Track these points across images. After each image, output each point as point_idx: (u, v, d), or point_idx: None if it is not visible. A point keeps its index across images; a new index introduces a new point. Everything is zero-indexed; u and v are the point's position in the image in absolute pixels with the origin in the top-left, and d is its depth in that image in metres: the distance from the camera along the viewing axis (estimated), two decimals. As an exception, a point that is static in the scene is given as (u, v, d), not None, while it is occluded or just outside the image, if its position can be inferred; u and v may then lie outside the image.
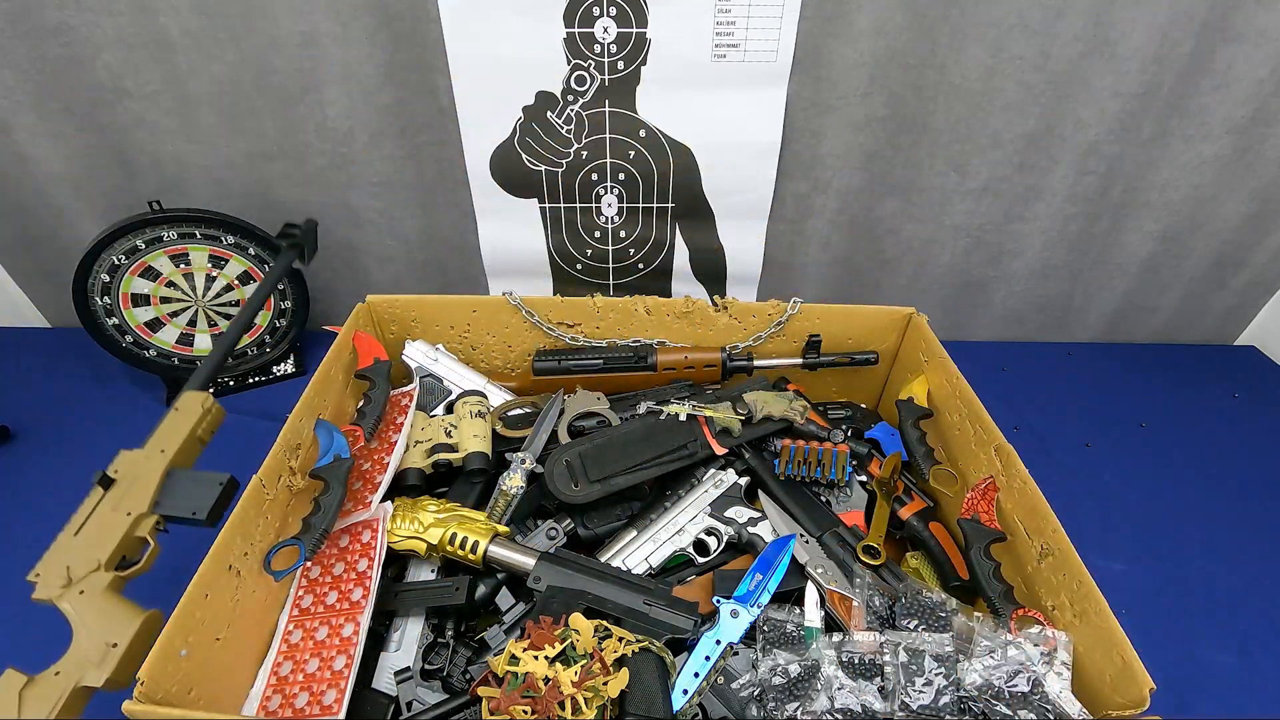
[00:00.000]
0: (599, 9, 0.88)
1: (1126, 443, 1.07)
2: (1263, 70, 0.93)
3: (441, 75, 0.92)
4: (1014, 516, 0.70)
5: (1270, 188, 1.06)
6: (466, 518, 0.70)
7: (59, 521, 0.86)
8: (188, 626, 0.53)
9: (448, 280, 1.19)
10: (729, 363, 0.89)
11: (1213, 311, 1.26)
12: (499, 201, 1.06)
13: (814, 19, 0.88)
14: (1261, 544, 0.92)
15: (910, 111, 0.98)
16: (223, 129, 0.96)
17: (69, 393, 1.05)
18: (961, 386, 0.79)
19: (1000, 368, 1.23)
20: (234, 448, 0.97)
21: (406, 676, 0.62)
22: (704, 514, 0.75)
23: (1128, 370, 1.23)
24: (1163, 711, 0.51)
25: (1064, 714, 0.55)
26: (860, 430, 0.89)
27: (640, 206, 1.08)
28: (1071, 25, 0.89)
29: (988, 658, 0.58)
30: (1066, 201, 1.08)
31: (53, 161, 0.96)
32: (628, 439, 0.78)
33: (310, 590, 0.67)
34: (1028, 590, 0.67)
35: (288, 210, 1.05)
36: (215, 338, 1.05)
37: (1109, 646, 0.54)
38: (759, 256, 1.14)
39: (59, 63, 0.88)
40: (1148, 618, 0.82)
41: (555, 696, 0.52)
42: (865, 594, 0.66)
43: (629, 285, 1.19)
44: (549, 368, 0.89)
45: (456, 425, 0.80)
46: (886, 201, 1.08)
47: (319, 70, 0.91)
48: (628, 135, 1.00)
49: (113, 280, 0.95)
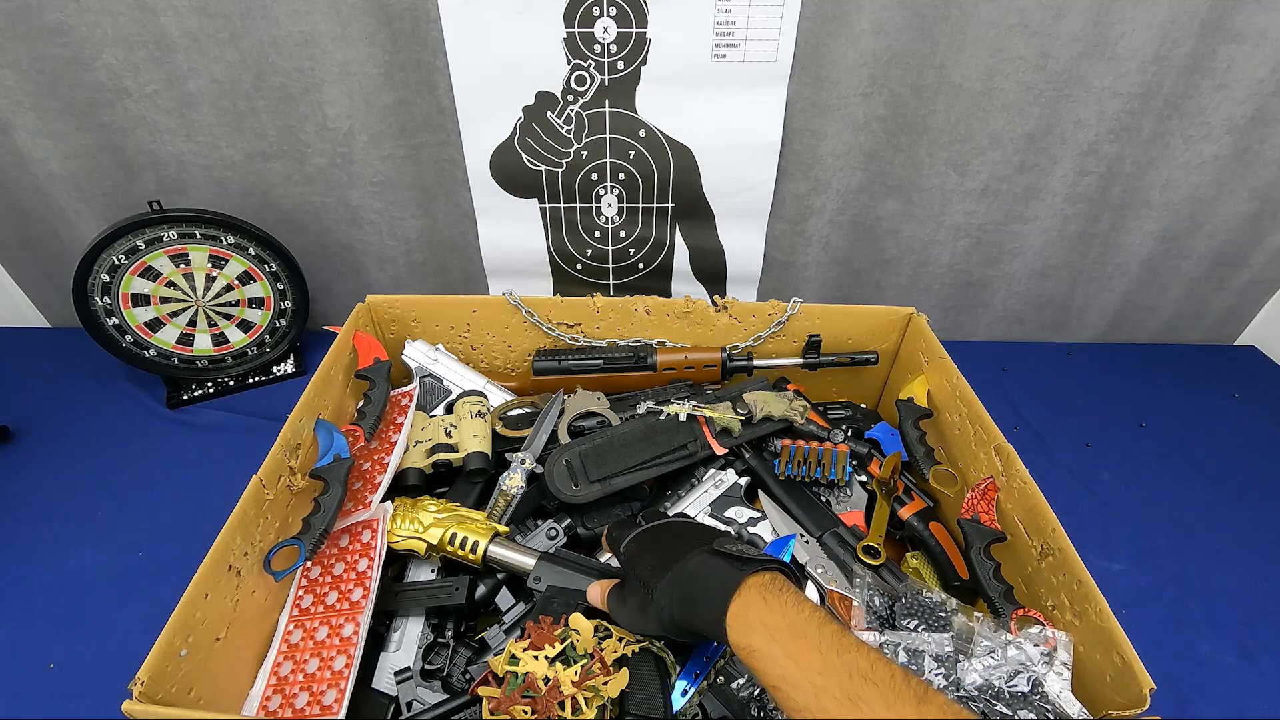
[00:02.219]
0: (599, 9, 0.88)
1: (1126, 443, 1.07)
2: (1263, 70, 0.93)
3: (441, 75, 0.92)
4: (1014, 516, 0.70)
5: (1270, 188, 1.06)
6: (466, 518, 0.70)
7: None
8: (188, 626, 0.53)
9: (448, 280, 1.19)
10: (729, 363, 0.89)
11: (1213, 311, 1.26)
12: (499, 201, 1.06)
13: (814, 19, 0.88)
14: (1261, 544, 0.92)
15: (910, 111, 0.98)
16: (223, 129, 0.96)
17: (69, 393, 1.05)
18: (961, 386, 0.79)
19: (1000, 368, 1.23)
20: (234, 448, 0.98)
21: (406, 676, 0.62)
22: (704, 514, 0.75)
23: (1128, 370, 1.23)
24: (1163, 711, 0.51)
25: (1064, 714, 0.55)
26: (860, 430, 0.89)
27: (640, 206, 1.08)
28: (1071, 25, 0.89)
29: (988, 658, 0.58)
30: (1066, 201, 1.08)
31: (53, 161, 0.96)
32: (628, 439, 0.78)
33: (310, 590, 0.67)
34: (1028, 590, 0.67)
35: (288, 210, 1.05)
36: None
37: (1109, 646, 0.54)
38: (759, 256, 1.14)
39: (59, 63, 0.88)
40: (1148, 618, 0.82)
41: (555, 696, 0.52)
42: (865, 594, 0.66)
43: (629, 285, 1.19)
44: (549, 368, 0.89)
45: (456, 425, 0.80)
46: (886, 201, 1.08)
47: (319, 70, 0.91)
48: (628, 135, 1.00)
49: (113, 280, 0.95)
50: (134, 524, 0.86)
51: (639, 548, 0.56)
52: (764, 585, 0.45)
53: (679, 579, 0.50)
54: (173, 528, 0.86)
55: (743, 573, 0.46)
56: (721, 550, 0.49)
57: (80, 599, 0.78)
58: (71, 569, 0.81)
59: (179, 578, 0.53)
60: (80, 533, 0.85)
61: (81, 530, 0.86)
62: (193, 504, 0.88)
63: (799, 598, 0.44)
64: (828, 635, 0.41)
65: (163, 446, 0.98)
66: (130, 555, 0.83)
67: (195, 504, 0.87)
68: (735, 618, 0.44)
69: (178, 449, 0.98)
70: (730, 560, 0.48)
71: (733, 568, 0.47)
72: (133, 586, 0.80)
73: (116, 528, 0.86)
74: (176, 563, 0.56)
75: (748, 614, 0.44)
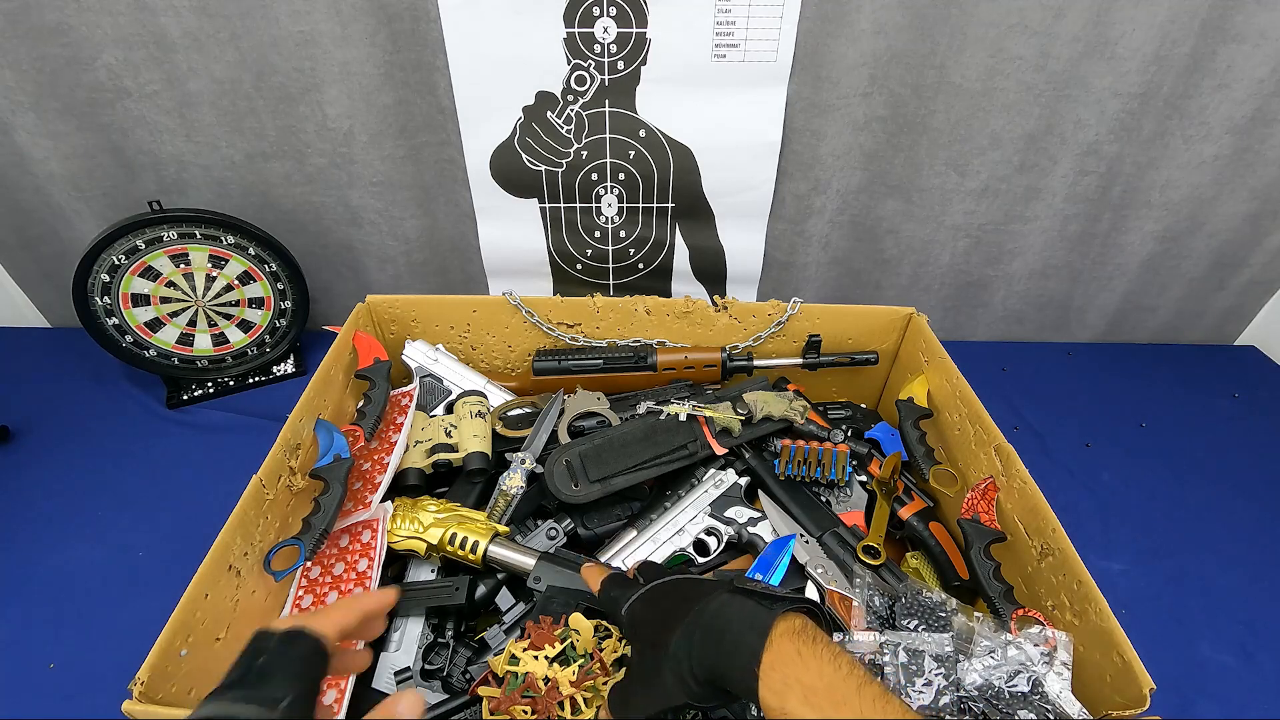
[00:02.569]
0: (599, 9, 0.88)
1: (1126, 443, 1.07)
2: (1263, 70, 0.93)
3: (441, 75, 0.92)
4: (1014, 516, 0.70)
5: (1270, 188, 1.06)
6: (466, 518, 0.70)
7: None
8: (188, 626, 0.53)
9: (448, 280, 1.19)
10: (729, 363, 0.89)
11: (1213, 311, 1.26)
12: (499, 201, 1.06)
13: (814, 19, 0.88)
14: (1261, 544, 0.92)
15: (910, 111, 0.98)
16: (223, 129, 0.96)
17: (69, 393, 1.05)
18: (961, 386, 0.79)
19: (1000, 368, 1.23)
20: (234, 448, 0.98)
21: (406, 676, 0.62)
22: (704, 514, 0.75)
23: (1128, 370, 1.23)
24: (1163, 711, 0.51)
25: (1064, 714, 0.55)
26: (860, 430, 0.89)
27: (640, 206, 1.08)
28: (1071, 25, 0.89)
29: (988, 658, 0.58)
30: (1066, 201, 1.08)
31: (53, 161, 0.96)
32: (628, 439, 0.78)
33: (310, 590, 0.66)
34: (1028, 590, 0.67)
35: (288, 210, 1.05)
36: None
37: (1109, 646, 0.55)
38: (759, 256, 1.14)
39: (59, 63, 0.88)
40: (1148, 618, 0.82)
41: (555, 697, 0.52)
42: (865, 594, 0.66)
43: (629, 285, 1.19)
44: (549, 368, 0.89)
45: (456, 425, 0.80)
46: (886, 201, 1.08)
47: (319, 70, 0.91)
48: (628, 135, 1.00)
49: (113, 280, 0.95)
50: (134, 524, 0.86)
51: (644, 606, 0.50)
52: (797, 633, 0.41)
53: (700, 621, 0.44)
54: (173, 528, 0.86)
55: (774, 612, 0.42)
56: (745, 588, 0.45)
57: (80, 599, 0.78)
58: (72, 569, 0.81)
59: (179, 578, 0.53)
60: (80, 533, 0.85)
61: (81, 530, 0.86)
62: (193, 504, 0.88)
63: (834, 651, 0.40)
64: (869, 699, 0.37)
65: (163, 446, 0.98)
66: (130, 555, 0.83)
67: (195, 504, 0.87)
68: (770, 670, 0.39)
69: (178, 449, 0.98)
70: (759, 599, 0.44)
71: (762, 607, 0.43)
72: (133, 586, 0.80)
73: (116, 528, 0.86)
74: (176, 563, 0.56)
75: (784, 669, 0.39)
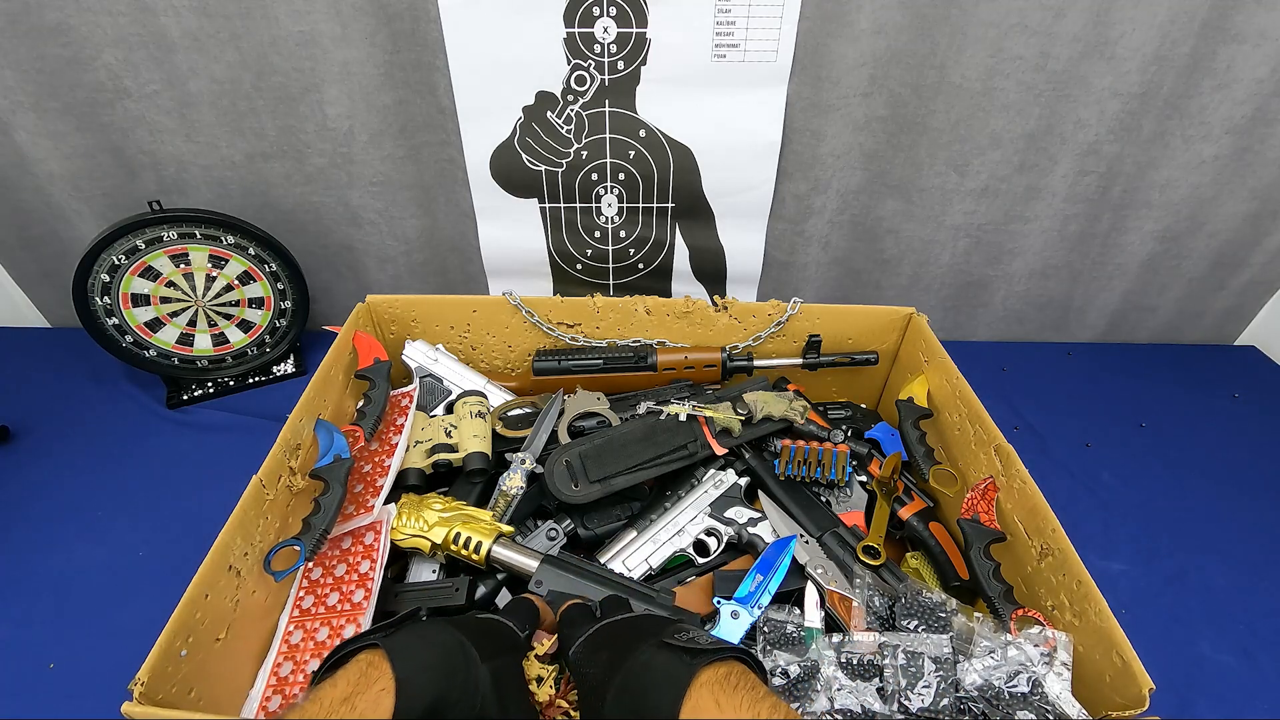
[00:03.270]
0: (599, 9, 0.88)
1: (1126, 443, 1.08)
2: (1263, 70, 0.93)
3: (441, 75, 0.92)
4: (1014, 516, 0.70)
5: (1270, 188, 1.06)
6: (472, 517, 0.70)
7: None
8: (188, 627, 0.53)
9: (448, 280, 1.19)
10: (729, 363, 0.89)
11: (1213, 311, 1.26)
12: (499, 201, 1.06)
13: (814, 19, 0.88)
14: (1261, 544, 0.92)
15: (910, 111, 0.98)
16: (223, 129, 0.96)
17: (69, 393, 1.05)
18: (961, 386, 0.79)
19: (1000, 368, 1.23)
20: (234, 448, 0.98)
21: (407, 677, 0.62)
22: (704, 514, 0.75)
23: (1128, 370, 1.23)
24: (1163, 711, 0.51)
25: (1064, 714, 0.55)
26: (860, 430, 0.89)
27: (640, 206, 1.08)
28: (1071, 25, 0.89)
29: (988, 658, 0.58)
30: (1066, 201, 1.08)
31: (53, 161, 0.96)
32: (628, 439, 0.78)
33: (311, 591, 0.67)
34: (1028, 590, 0.67)
35: (288, 210, 1.05)
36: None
37: (1109, 646, 0.55)
38: (759, 256, 1.14)
39: (59, 63, 0.88)
40: (1148, 618, 0.82)
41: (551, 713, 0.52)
42: (865, 594, 0.66)
43: (629, 285, 1.19)
44: (549, 368, 0.89)
45: (456, 425, 0.80)
46: (886, 201, 1.08)
47: (319, 70, 0.91)
48: (628, 135, 1.00)
49: (113, 280, 0.94)
50: (134, 524, 0.86)
51: (586, 653, 0.48)
52: (719, 683, 0.40)
53: (626, 683, 0.43)
54: (173, 528, 0.86)
55: (692, 667, 0.41)
56: (670, 642, 0.43)
57: (80, 599, 0.78)
58: (71, 569, 0.81)
59: (179, 578, 0.53)
60: (80, 533, 0.85)
61: (81, 530, 0.85)
62: (193, 504, 0.88)
63: (756, 696, 0.39)
64: None
65: (163, 446, 0.98)
66: (130, 555, 0.83)
67: (195, 504, 0.87)
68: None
69: (178, 449, 0.98)
70: (678, 654, 0.43)
71: (681, 662, 0.42)
72: (133, 586, 0.79)
73: (116, 528, 0.86)
74: (176, 563, 0.56)
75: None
